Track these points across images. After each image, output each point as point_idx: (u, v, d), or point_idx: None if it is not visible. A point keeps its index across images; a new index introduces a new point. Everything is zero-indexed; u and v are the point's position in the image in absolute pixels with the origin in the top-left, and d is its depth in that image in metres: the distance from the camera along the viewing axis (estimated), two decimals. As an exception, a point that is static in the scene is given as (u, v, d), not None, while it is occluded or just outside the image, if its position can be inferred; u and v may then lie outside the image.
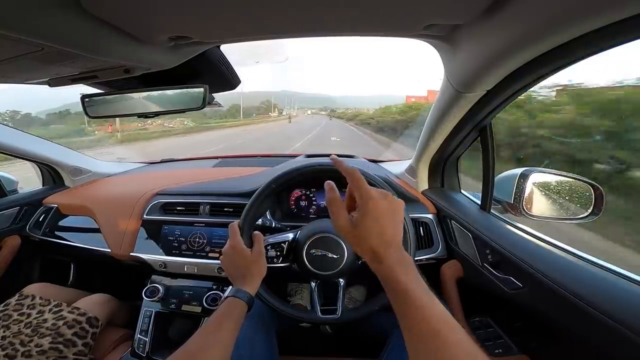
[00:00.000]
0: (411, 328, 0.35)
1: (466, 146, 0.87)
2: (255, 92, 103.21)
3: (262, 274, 0.63)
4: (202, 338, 0.49)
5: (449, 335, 0.32)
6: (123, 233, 1.00)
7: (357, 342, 0.94)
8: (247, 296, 0.57)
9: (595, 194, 0.70)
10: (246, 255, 0.62)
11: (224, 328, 0.50)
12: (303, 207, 1.04)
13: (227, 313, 0.53)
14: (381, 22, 0.46)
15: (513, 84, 0.55)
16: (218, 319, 0.52)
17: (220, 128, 30.10)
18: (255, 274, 0.61)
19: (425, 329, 0.33)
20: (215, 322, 0.51)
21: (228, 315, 0.53)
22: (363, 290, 1.10)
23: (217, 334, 0.49)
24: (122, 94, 0.69)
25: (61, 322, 0.79)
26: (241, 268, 0.61)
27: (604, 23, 0.35)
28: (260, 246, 0.64)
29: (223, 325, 0.51)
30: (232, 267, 0.62)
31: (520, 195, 0.75)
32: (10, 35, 0.36)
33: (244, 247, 0.63)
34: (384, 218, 0.39)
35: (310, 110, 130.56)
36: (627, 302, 0.45)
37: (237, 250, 0.62)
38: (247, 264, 0.61)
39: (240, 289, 0.57)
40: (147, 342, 0.87)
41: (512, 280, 0.64)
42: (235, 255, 0.62)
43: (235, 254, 0.62)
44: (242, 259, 0.62)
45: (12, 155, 1.10)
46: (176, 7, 0.40)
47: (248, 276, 0.60)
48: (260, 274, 0.62)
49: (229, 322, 0.51)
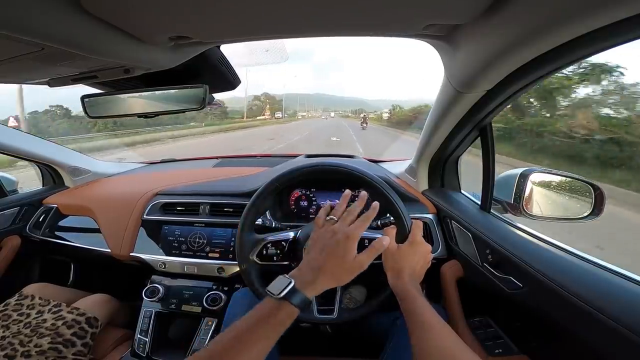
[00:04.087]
0: (411, 319, 0.49)
1: (466, 146, 0.87)
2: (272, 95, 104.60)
3: (340, 282, 0.51)
4: (228, 343, 0.41)
5: (443, 329, 0.46)
6: (123, 233, 1.00)
7: (357, 342, 0.94)
8: (301, 299, 0.45)
9: (595, 194, 0.70)
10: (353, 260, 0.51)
11: (258, 336, 0.42)
12: (303, 207, 1.04)
13: (271, 318, 0.43)
14: (381, 22, 0.46)
15: (513, 84, 0.55)
16: (252, 324, 0.43)
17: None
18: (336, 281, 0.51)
19: (423, 321, 0.48)
20: (248, 327, 0.42)
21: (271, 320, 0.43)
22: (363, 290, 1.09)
23: (249, 344, 0.41)
24: (122, 94, 0.69)
25: (60, 322, 0.79)
26: (335, 268, 0.50)
27: (604, 23, 0.35)
28: (370, 256, 0.52)
29: (259, 333, 0.42)
30: (326, 259, 0.50)
31: (520, 195, 0.75)
32: (10, 35, 0.36)
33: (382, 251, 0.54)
34: (421, 260, 0.60)
35: (333, 112, 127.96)
36: (627, 302, 0.45)
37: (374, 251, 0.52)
38: (348, 269, 0.50)
39: (299, 290, 0.46)
40: (147, 342, 0.88)
41: (512, 280, 0.64)
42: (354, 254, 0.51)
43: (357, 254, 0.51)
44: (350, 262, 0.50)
45: (12, 155, 1.09)
46: (176, 7, 0.40)
47: (327, 281, 0.49)
48: (339, 281, 0.51)
49: (270, 331, 0.43)
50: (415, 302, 0.51)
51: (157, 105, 0.68)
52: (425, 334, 0.46)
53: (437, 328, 0.46)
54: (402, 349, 0.65)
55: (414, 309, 0.50)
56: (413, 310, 0.50)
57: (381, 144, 12.91)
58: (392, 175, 1.12)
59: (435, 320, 0.47)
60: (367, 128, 22.18)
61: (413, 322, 0.49)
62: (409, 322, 0.50)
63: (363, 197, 0.59)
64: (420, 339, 0.46)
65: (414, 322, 0.49)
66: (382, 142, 13.57)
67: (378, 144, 12.87)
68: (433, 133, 0.82)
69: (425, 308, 0.49)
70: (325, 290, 0.50)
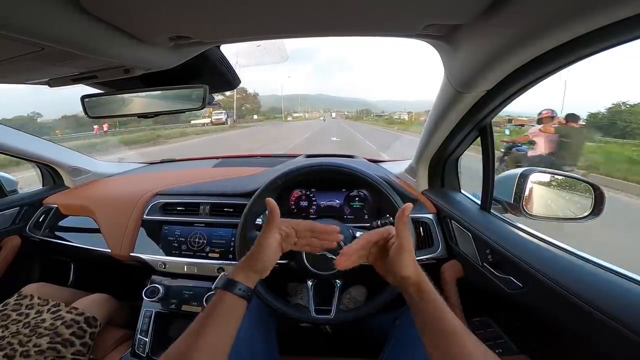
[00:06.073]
0: (433, 326, 0.43)
1: (466, 146, 0.87)
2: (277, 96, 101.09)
3: (260, 268, 0.51)
4: (185, 340, 0.43)
5: (464, 335, 0.41)
6: (123, 233, 1.00)
7: (357, 342, 0.94)
8: (241, 289, 0.48)
9: (595, 194, 0.70)
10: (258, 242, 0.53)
11: (211, 327, 0.43)
12: (303, 207, 1.04)
13: (214, 310, 0.46)
14: (381, 22, 0.47)
15: (513, 83, 0.55)
16: (202, 318, 0.45)
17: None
18: (254, 265, 0.51)
19: (445, 328, 0.42)
20: (199, 321, 0.44)
21: (215, 312, 0.46)
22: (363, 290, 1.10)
23: (203, 336, 0.43)
24: (122, 94, 0.69)
25: (59, 322, 0.79)
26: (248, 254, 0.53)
27: (604, 23, 0.35)
28: (267, 233, 0.52)
29: (209, 324, 0.44)
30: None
31: (520, 195, 0.75)
32: (10, 35, 0.36)
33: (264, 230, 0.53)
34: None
35: (335, 112, 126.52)
36: (627, 302, 0.45)
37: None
38: (253, 252, 0.52)
39: (233, 279, 0.49)
40: (147, 342, 0.88)
41: (512, 280, 0.64)
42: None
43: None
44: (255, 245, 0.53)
45: (12, 155, 1.10)
46: (176, 7, 0.40)
47: (246, 266, 0.51)
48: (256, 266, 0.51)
49: (218, 321, 0.45)
50: (436, 302, 0.45)
51: (157, 105, 0.69)
52: (450, 338, 0.41)
53: (459, 333, 0.41)
54: (402, 349, 0.65)
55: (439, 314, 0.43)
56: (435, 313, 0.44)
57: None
58: (392, 175, 1.12)
59: (457, 324, 0.42)
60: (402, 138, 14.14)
61: (434, 328, 0.43)
62: (427, 321, 0.44)
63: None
64: (447, 344, 0.41)
65: (436, 327, 0.43)
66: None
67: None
68: (433, 133, 0.82)
69: (447, 309, 0.44)
70: (254, 277, 0.51)
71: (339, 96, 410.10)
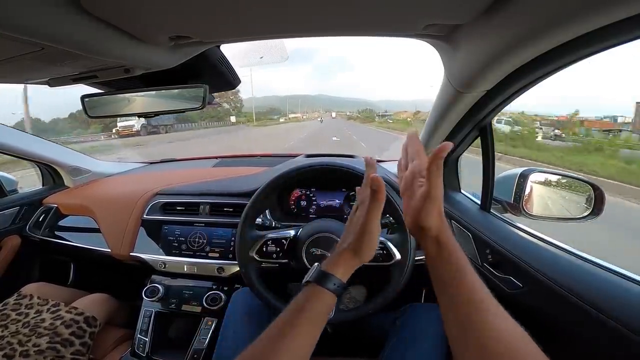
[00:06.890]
0: (449, 291, 0.37)
1: (466, 146, 0.87)
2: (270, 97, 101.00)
3: (368, 255, 0.46)
4: (264, 344, 0.38)
5: (490, 306, 0.33)
6: (123, 233, 1.00)
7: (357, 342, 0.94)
8: (335, 283, 0.42)
9: (595, 193, 0.70)
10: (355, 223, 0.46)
11: (299, 328, 0.39)
12: (303, 207, 1.04)
13: (306, 305, 0.41)
14: (381, 22, 0.46)
15: (513, 83, 0.55)
16: (290, 315, 0.40)
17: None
18: (362, 254, 0.45)
19: (472, 299, 0.34)
20: (286, 319, 0.40)
21: (307, 308, 0.41)
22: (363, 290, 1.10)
23: (288, 337, 0.38)
24: (122, 94, 0.69)
25: (59, 321, 0.79)
26: (347, 237, 0.46)
27: (604, 23, 0.35)
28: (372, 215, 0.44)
29: (297, 323, 0.39)
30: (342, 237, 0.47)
31: (520, 195, 0.75)
32: (10, 35, 0.36)
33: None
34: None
35: (335, 112, 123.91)
36: (627, 302, 0.45)
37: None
38: (358, 239, 0.45)
39: (329, 272, 0.43)
40: (147, 342, 0.87)
41: (512, 280, 0.64)
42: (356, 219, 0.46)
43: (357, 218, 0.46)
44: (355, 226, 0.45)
45: (12, 155, 1.10)
46: (176, 7, 0.40)
47: (349, 257, 0.45)
48: (366, 255, 0.45)
49: (309, 320, 0.40)
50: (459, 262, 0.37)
51: (157, 104, 0.69)
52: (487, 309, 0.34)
53: (494, 305, 0.34)
54: (402, 349, 0.65)
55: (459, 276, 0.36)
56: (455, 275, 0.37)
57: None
58: (392, 175, 1.12)
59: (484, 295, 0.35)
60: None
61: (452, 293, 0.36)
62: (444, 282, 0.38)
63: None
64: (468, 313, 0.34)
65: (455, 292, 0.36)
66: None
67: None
68: (433, 133, 0.82)
69: (469, 272, 0.37)
70: (354, 267, 0.46)
71: (339, 96, 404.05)
